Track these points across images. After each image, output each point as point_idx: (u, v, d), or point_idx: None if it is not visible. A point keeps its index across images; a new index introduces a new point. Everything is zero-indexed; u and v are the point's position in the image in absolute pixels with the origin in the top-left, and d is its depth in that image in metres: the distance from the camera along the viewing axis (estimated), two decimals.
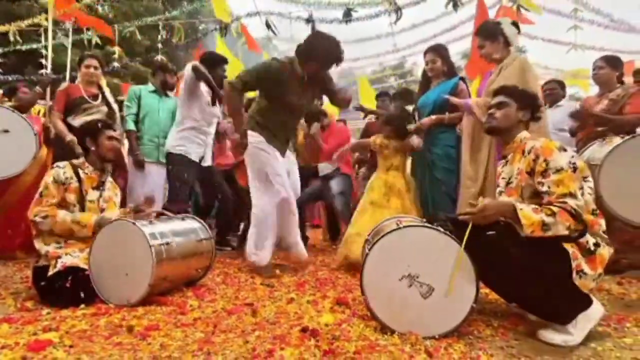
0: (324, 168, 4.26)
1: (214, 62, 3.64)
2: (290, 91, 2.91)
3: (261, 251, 2.93)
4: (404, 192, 3.31)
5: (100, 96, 3.68)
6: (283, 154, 3.10)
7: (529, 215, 1.60)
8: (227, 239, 4.17)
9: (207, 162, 3.81)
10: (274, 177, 2.91)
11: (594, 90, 3.43)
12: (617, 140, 2.44)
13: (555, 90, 4.19)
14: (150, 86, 3.93)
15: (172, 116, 3.92)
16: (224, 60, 3.74)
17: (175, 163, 3.54)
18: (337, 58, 2.87)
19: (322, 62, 2.85)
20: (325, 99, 3.39)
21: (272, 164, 2.94)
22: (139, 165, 3.70)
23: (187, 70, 3.45)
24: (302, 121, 4.14)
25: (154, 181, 3.76)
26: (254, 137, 2.95)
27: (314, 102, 3.29)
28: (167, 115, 3.89)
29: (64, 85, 3.65)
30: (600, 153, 2.43)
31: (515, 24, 2.99)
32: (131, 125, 3.74)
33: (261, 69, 2.89)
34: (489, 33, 2.98)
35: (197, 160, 3.63)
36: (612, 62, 3.26)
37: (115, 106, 3.76)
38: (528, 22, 5.60)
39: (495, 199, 1.96)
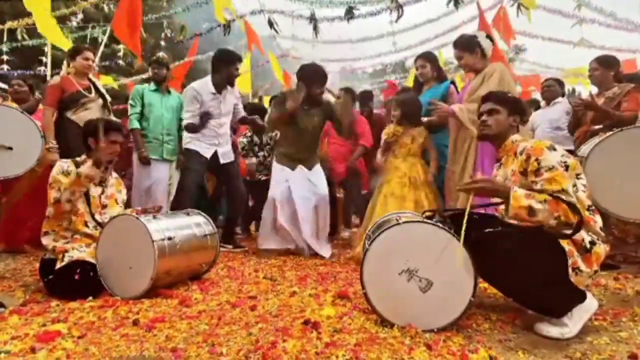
0: None
1: (229, 59, 3.70)
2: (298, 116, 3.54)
3: None
4: (424, 183, 3.31)
5: (92, 88, 3.65)
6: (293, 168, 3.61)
7: (520, 198, 1.64)
8: (233, 236, 4.04)
9: (229, 158, 3.86)
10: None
11: (595, 88, 3.46)
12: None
13: (553, 88, 4.24)
14: (152, 85, 3.99)
15: (176, 113, 3.97)
16: (239, 59, 3.82)
17: (186, 157, 3.77)
18: (324, 76, 3.56)
19: (312, 82, 3.46)
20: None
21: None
22: (145, 162, 3.78)
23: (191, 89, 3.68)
24: None
25: (158, 177, 3.85)
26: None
27: (319, 124, 3.67)
28: (170, 113, 3.95)
29: (57, 79, 3.53)
30: (590, 147, 2.47)
31: (489, 38, 3.12)
32: (135, 124, 3.81)
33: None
34: (466, 45, 3.10)
35: (208, 157, 3.71)
36: (605, 63, 3.31)
37: (108, 97, 3.75)
38: (511, 36, 5.71)
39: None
